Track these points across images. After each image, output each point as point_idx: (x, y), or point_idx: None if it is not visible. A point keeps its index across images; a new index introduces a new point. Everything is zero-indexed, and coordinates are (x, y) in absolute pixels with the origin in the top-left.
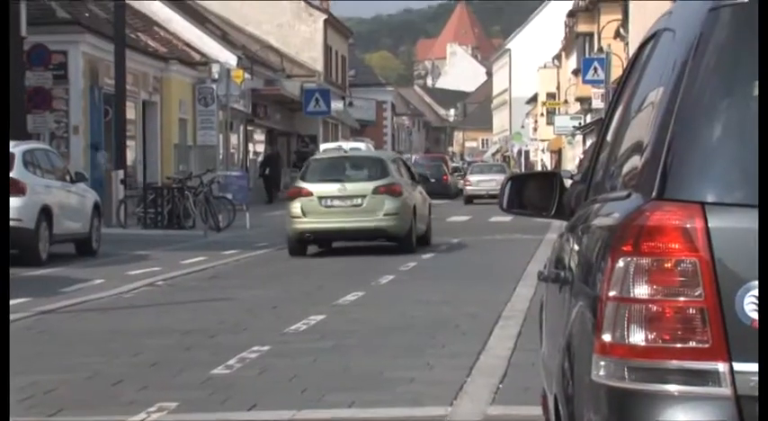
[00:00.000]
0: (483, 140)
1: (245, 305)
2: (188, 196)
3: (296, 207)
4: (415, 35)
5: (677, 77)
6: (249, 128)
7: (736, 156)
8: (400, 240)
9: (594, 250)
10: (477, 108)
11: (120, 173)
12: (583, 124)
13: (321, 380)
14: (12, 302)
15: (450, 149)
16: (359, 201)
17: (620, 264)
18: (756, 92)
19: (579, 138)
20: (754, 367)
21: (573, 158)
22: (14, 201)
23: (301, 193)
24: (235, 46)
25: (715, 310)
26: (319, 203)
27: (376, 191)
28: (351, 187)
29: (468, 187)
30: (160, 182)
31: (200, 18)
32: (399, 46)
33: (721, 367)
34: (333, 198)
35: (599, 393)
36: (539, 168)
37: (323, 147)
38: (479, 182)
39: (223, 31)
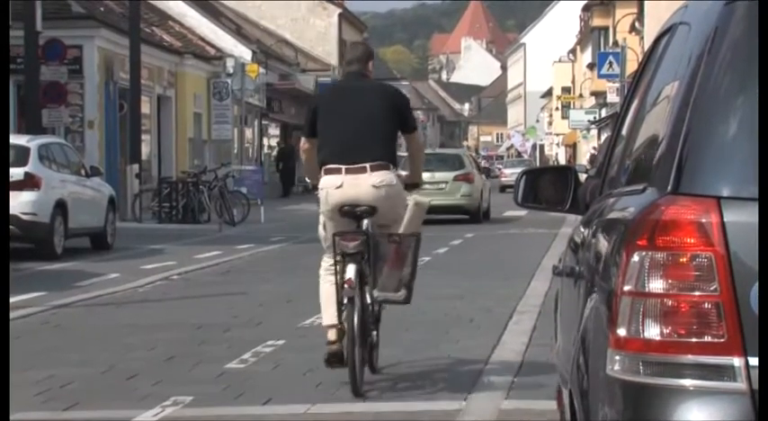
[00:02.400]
0: (497, 134)
1: (259, 299)
2: (203, 190)
3: None
4: (430, 29)
5: (693, 71)
6: (264, 122)
7: (751, 151)
8: (472, 214)
9: (609, 244)
10: (491, 102)
11: (135, 167)
12: (598, 118)
13: (335, 375)
14: (27, 296)
15: (464, 144)
16: (443, 185)
17: (635, 258)
18: None
19: (594, 132)
20: None
21: (588, 152)
22: (29, 196)
23: None
24: (249, 40)
25: (730, 305)
26: None
27: (456, 178)
28: (438, 175)
29: (503, 179)
30: (175, 176)
31: (215, 12)
32: (414, 40)
33: (737, 362)
34: (424, 183)
35: (614, 388)
36: (553, 162)
37: None
38: (512, 174)
39: (238, 26)
